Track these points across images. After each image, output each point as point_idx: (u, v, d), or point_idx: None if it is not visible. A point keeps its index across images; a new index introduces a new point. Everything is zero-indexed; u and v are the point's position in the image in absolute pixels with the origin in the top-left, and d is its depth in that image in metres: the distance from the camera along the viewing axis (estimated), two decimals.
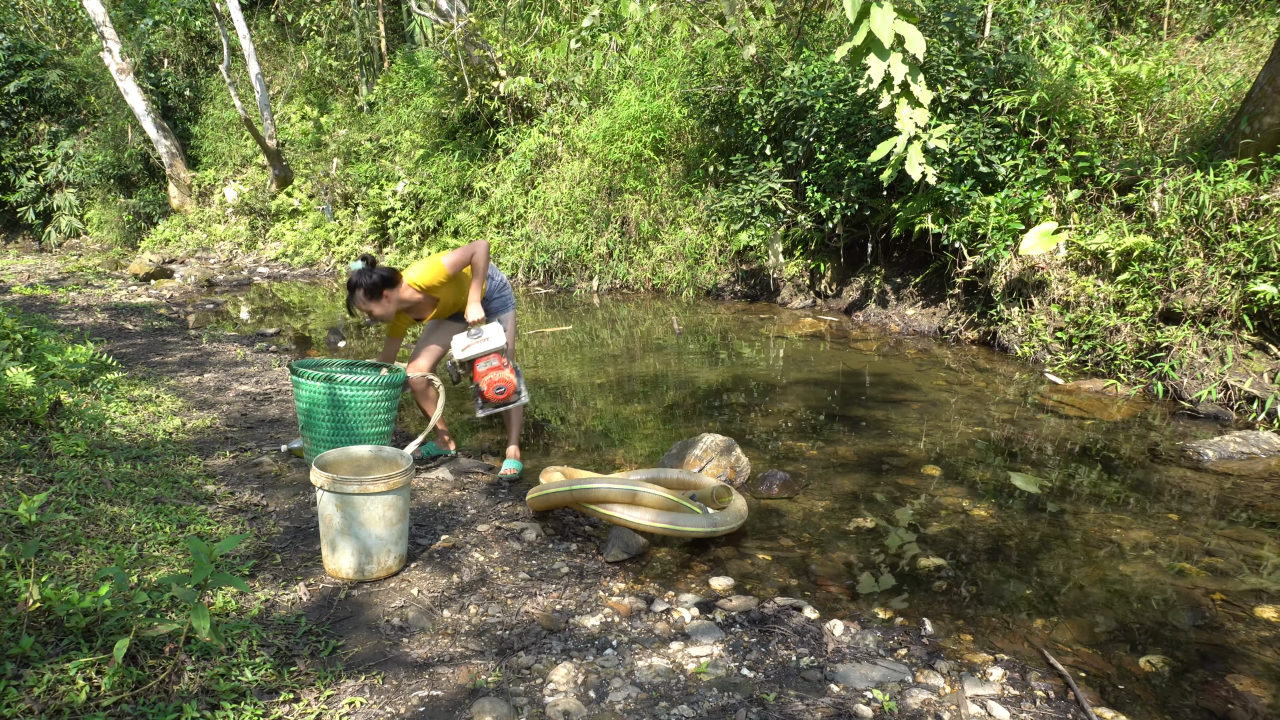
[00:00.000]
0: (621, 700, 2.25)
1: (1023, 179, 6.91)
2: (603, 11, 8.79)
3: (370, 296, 3.75)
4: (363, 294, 3.74)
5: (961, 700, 2.30)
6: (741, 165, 9.16)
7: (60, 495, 3.19)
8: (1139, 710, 2.34)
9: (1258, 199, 5.52)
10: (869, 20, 4.97)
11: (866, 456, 4.42)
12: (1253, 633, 2.74)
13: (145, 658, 2.13)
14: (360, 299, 3.75)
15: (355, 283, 3.73)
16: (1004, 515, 3.68)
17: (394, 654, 2.42)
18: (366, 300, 3.75)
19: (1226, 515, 3.69)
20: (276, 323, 8.77)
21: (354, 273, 3.75)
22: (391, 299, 3.81)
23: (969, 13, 7.38)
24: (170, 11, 17.28)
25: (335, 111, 15.68)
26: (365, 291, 3.73)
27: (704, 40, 10.71)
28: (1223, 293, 5.48)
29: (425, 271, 3.83)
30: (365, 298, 3.74)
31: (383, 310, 3.81)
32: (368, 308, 3.76)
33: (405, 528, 2.93)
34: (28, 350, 5.05)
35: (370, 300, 3.75)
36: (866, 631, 2.68)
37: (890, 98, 6.05)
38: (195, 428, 4.58)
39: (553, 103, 12.04)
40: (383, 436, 3.89)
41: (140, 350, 6.76)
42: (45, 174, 17.57)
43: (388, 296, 3.78)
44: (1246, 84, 6.64)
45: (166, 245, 15.39)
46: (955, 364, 6.46)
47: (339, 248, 13.37)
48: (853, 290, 8.63)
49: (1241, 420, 5.01)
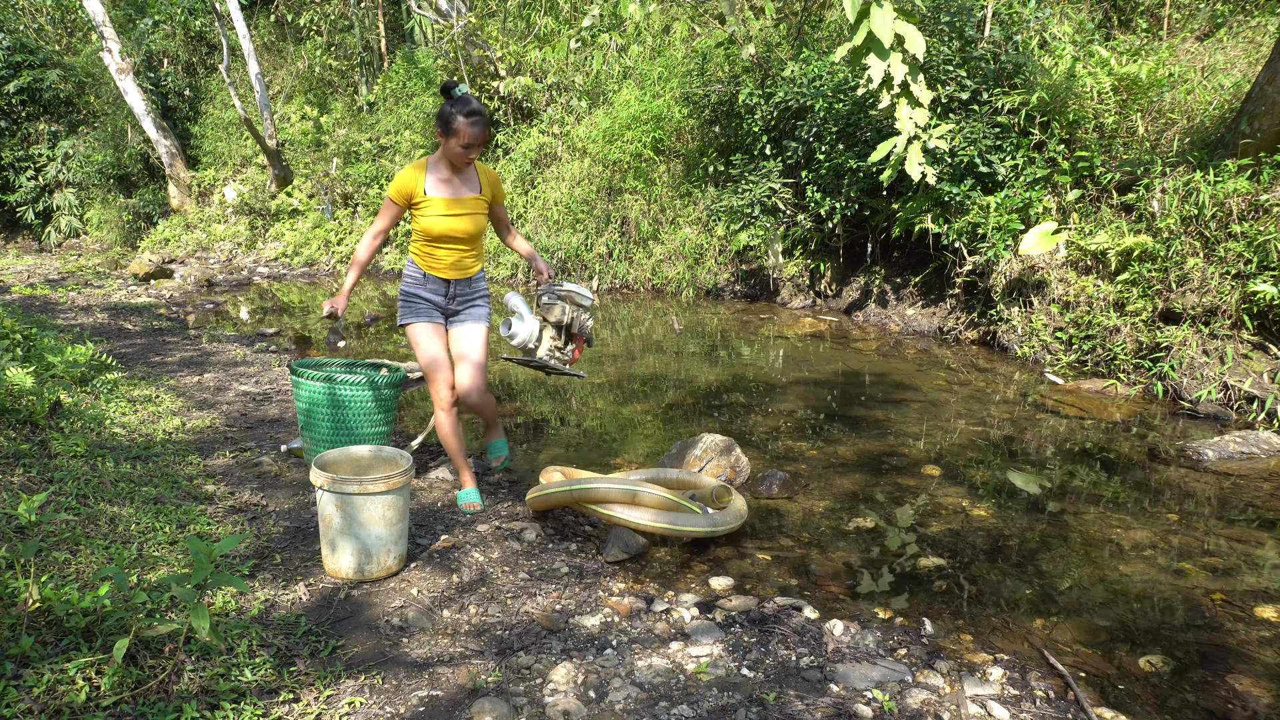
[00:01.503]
0: (621, 700, 2.25)
1: (1022, 179, 6.91)
2: (603, 11, 8.79)
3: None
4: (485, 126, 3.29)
5: (961, 700, 2.30)
6: (741, 165, 9.15)
7: (60, 495, 3.19)
8: (1139, 710, 2.34)
9: (1258, 199, 5.52)
10: (869, 20, 4.97)
11: (866, 456, 4.42)
12: (1253, 633, 2.74)
13: (145, 658, 2.13)
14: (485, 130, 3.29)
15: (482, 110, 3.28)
16: (1004, 515, 3.68)
17: (394, 654, 2.42)
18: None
19: (1226, 515, 3.69)
20: (276, 323, 8.77)
21: (470, 97, 3.27)
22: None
23: (969, 13, 7.38)
24: (170, 11, 17.27)
25: (335, 111, 15.67)
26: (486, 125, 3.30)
27: (704, 40, 10.71)
28: (1222, 293, 5.48)
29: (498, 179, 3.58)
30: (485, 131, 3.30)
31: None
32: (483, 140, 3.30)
33: (405, 528, 2.93)
34: (27, 350, 5.05)
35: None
36: (866, 631, 2.68)
37: (890, 98, 6.06)
38: (195, 428, 4.58)
39: (553, 103, 12.04)
40: (383, 436, 3.89)
41: (140, 350, 6.76)
42: (45, 174, 17.56)
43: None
44: (1246, 84, 6.64)
45: (166, 245, 15.38)
46: (955, 364, 6.46)
47: (339, 248, 13.36)
48: (852, 290, 8.63)
49: (1241, 420, 5.01)
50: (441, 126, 3.25)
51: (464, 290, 3.57)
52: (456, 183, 3.40)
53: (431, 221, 3.37)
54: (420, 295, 3.52)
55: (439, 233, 3.39)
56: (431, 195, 3.36)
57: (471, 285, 3.59)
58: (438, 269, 3.48)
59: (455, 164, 3.33)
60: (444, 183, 3.39)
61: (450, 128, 3.22)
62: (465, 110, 3.20)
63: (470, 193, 3.43)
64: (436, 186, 3.38)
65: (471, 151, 3.26)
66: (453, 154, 3.28)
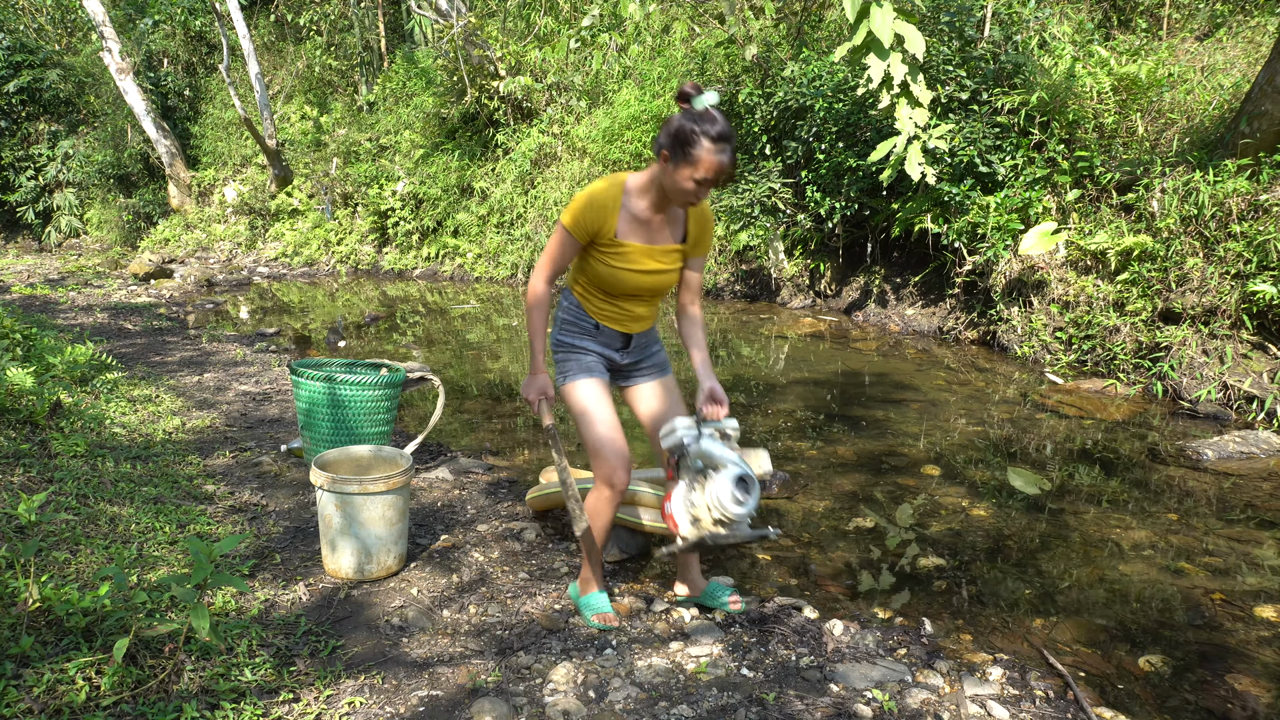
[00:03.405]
0: (621, 700, 2.25)
1: (1022, 179, 6.92)
2: (602, 11, 8.80)
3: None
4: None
5: (961, 700, 2.30)
6: (741, 165, 9.16)
7: (60, 495, 3.19)
8: (1139, 710, 2.34)
9: (1257, 199, 5.52)
10: (869, 20, 4.98)
11: (866, 456, 4.42)
12: (1253, 633, 2.74)
13: (145, 657, 2.13)
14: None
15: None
16: (1004, 515, 3.68)
17: (394, 654, 2.43)
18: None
19: (1226, 515, 3.69)
20: (276, 322, 8.77)
21: (718, 113, 2.30)
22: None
23: (969, 13, 7.38)
24: (170, 11, 17.28)
25: (335, 111, 15.67)
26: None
27: (704, 40, 10.71)
28: (1222, 292, 5.48)
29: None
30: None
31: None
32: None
33: (405, 527, 2.93)
34: (28, 350, 5.05)
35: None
36: (866, 631, 2.68)
37: (890, 98, 6.07)
38: (195, 427, 4.58)
39: (552, 102, 12.04)
40: (383, 436, 3.89)
41: (140, 350, 6.76)
42: (45, 174, 17.56)
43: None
44: (1246, 84, 6.64)
45: (166, 245, 15.38)
46: (955, 364, 6.46)
47: (338, 247, 13.37)
48: (852, 290, 8.63)
49: (1241, 420, 5.01)
50: (672, 147, 2.29)
51: (642, 340, 2.72)
52: (656, 224, 2.49)
53: (613, 274, 2.50)
54: (588, 348, 2.64)
55: (623, 291, 2.56)
56: (623, 241, 2.47)
57: (649, 333, 2.76)
58: (617, 322, 2.63)
59: (672, 200, 2.40)
60: (640, 224, 2.47)
61: (686, 152, 2.27)
62: (713, 132, 2.26)
63: (670, 240, 2.53)
64: (630, 228, 2.47)
65: (704, 190, 2.33)
66: (677, 189, 2.33)
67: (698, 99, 2.28)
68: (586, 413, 2.57)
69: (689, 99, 2.30)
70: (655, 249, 2.50)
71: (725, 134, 2.27)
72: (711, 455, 2.31)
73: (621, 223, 2.45)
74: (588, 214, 2.42)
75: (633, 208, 2.45)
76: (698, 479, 2.33)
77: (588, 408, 2.57)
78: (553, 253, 2.52)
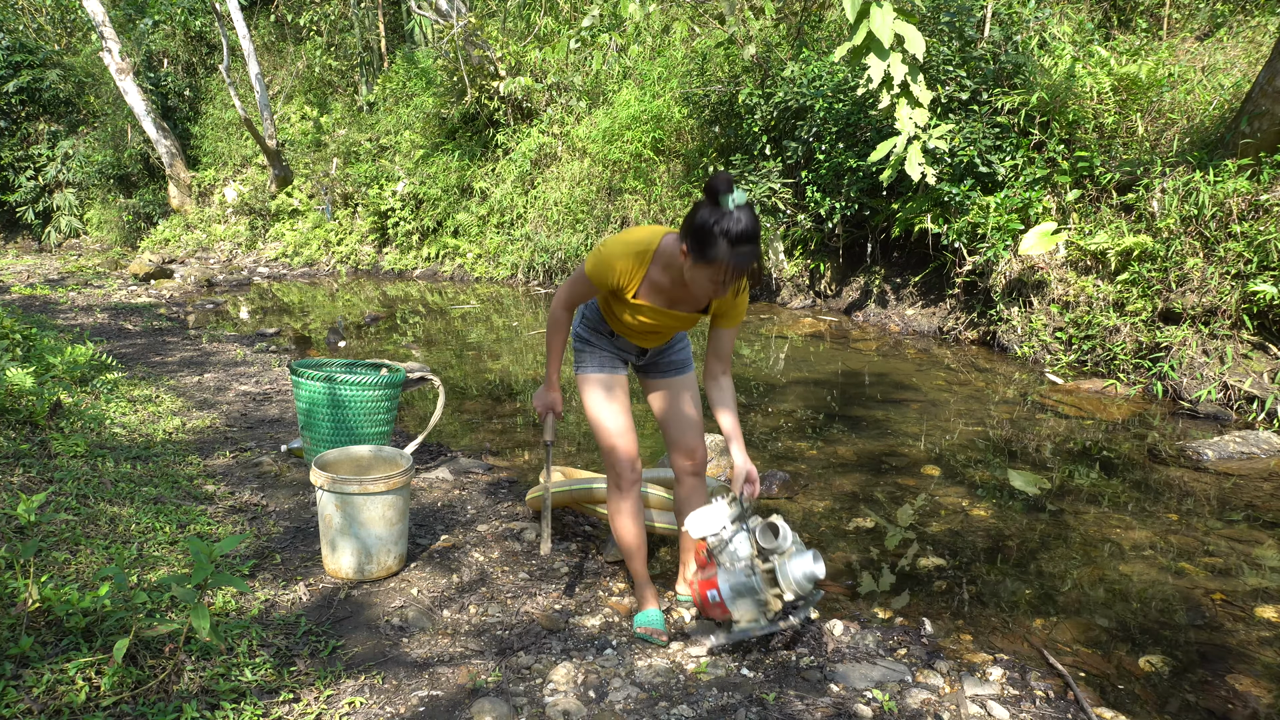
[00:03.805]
0: (621, 700, 2.25)
1: (1022, 179, 6.92)
2: (602, 11, 8.79)
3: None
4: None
5: (961, 700, 2.30)
6: (741, 165, 9.15)
7: (60, 495, 3.19)
8: (1139, 710, 2.34)
9: (1257, 199, 5.52)
10: (869, 20, 4.98)
11: (866, 456, 4.42)
12: (1253, 633, 2.74)
13: (145, 658, 2.13)
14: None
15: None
16: (1004, 515, 3.68)
17: (394, 654, 2.42)
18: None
19: (1226, 515, 3.69)
20: (276, 323, 8.77)
21: (745, 211, 2.15)
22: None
23: (969, 13, 7.38)
24: (170, 11, 17.27)
25: (335, 111, 15.67)
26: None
27: (704, 40, 10.71)
28: (1222, 293, 5.48)
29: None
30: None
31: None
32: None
33: (405, 528, 2.93)
34: (28, 350, 5.05)
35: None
36: (866, 631, 2.68)
37: (890, 98, 6.06)
38: (195, 428, 4.58)
39: (552, 103, 12.04)
40: (383, 436, 3.89)
41: (140, 350, 6.76)
42: (45, 174, 17.56)
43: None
44: (1246, 84, 6.63)
45: (166, 245, 15.38)
46: (955, 364, 6.46)
47: (339, 248, 13.37)
48: (852, 290, 8.63)
49: (1241, 420, 5.01)
50: (692, 242, 2.17)
51: (663, 347, 2.71)
52: (678, 294, 2.42)
53: (628, 320, 2.49)
54: (605, 346, 2.66)
55: (638, 332, 2.56)
56: (641, 300, 2.42)
57: (673, 342, 2.74)
58: (633, 338, 2.61)
59: (693, 291, 2.31)
60: (658, 292, 2.41)
61: (706, 252, 2.15)
62: (735, 232, 2.12)
63: (692, 309, 2.49)
64: (651, 291, 2.41)
65: (725, 289, 2.25)
66: (698, 284, 2.25)
67: (730, 196, 2.12)
68: (597, 416, 2.59)
69: (719, 191, 2.13)
70: (674, 312, 2.46)
71: (748, 234, 2.14)
72: (770, 549, 2.36)
73: (643, 286, 2.39)
74: (609, 275, 2.37)
75: (657, 276, 2.37)
76: (756, 568, 2.38)
77: (599, 410, 2.59)
78: (573, 287, 2.50)
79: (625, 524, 2.61)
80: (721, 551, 2.41)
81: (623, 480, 2.58)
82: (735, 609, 2.40)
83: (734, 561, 2.39)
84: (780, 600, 2.37)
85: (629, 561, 2.67)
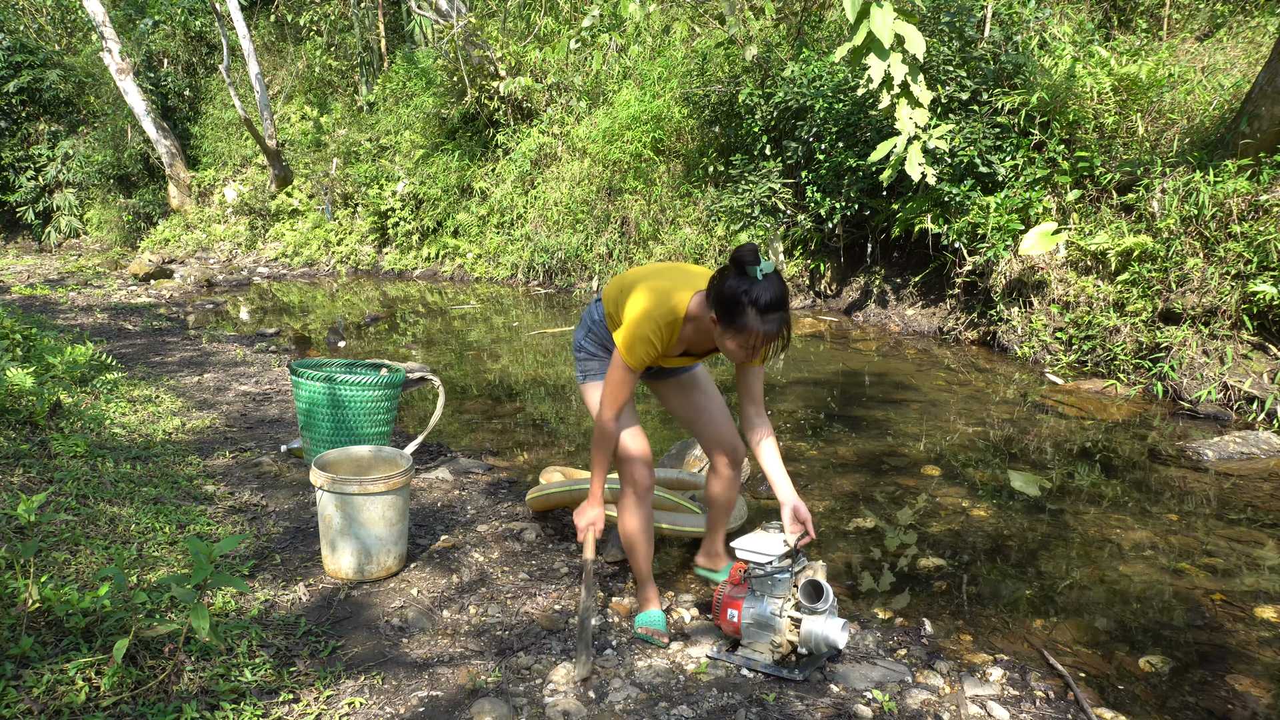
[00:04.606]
0: (621, 700, 2.25)
1: (1022, 179, 6.91)
2: (603, 11, 8.79)
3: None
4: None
5: (961, 700, 2.30)
6: (741, 165, 9.15)
7: (60, 495, 3.19)
8: (1139, 710, 2.34)
9: (1257, 199, 5.52)
10: (869, 20, 4.97)
11: (866, 456, 4.42)
12: (1253, 633, 2.74)
13: (145, 658, 2.13)
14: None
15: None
16: (1004, 515, 3.68)
17: (394, 654, 2.42)
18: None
19: (1226, 515, 3.69)
20: (276, 323, 8.77)
21: (773, 280, 2.18)
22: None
23: (969, 13, 7.38)
24: (170, 11, 17.27)
25: (335, 111, 15.67)
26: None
27: (704, 40, 10.71)
28: (1222, 293, 5.48)
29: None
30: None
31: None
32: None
33: (405, 528, 2.93)
34: (28, 350, 5.05)
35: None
36: (866, 631, 2.68)
37: (890, 98, 6.06)
38: (195, 428, 4.58)
39: (552, 103, 12.04)
40: (383, 436, 3.89)
41: (140, 350, 6.76)
42: (45, 174, 17.56)
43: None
44: (1246, 84, 6.63)
45: (166, 245, 15.39)
46: (955, 364, 6.46)
47: (339, 248, 13.37)
48: (852, 290, 8.63)
49: (1241, 420, 5.01)
50: (721, 311, 2.19)
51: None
52: (706, 344, 2.48)
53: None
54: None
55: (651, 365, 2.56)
56: (671, 355, 2.53)
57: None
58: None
59: (723, 353, 2.35)
60: (687, 342, 2.48)
61: (734, 320, 2.17)
62: (765, 301, 2.13)
63: (713, 347, 2.51)
64: (681, 344, 2.48)
65: (754, 355, 2.28)
66: (727, 350, 2.29)
67: (758, 266, 2.14)
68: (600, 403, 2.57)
69: (746, 262, 2.15)
70: (699, 355, 2.55)
71: (777, 302, 2.15)
72: (807, 606, 2.36)
73: (676, 345, 2.46)
74: (648, 353, 2.38)
75: (689, 334, 2.42)
76: (784, 611, 2.38)
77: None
78: (615, 389, 2.45)
79: (634, 523, 2.60)
80: (759, 582, 2.41)
81: (639, 485, 2.57)
82: (748, 635, 2.42)
83: (767, 596, 2.41)
84: (793, 647, 2.41)
85: (633, 559, 2.67)
